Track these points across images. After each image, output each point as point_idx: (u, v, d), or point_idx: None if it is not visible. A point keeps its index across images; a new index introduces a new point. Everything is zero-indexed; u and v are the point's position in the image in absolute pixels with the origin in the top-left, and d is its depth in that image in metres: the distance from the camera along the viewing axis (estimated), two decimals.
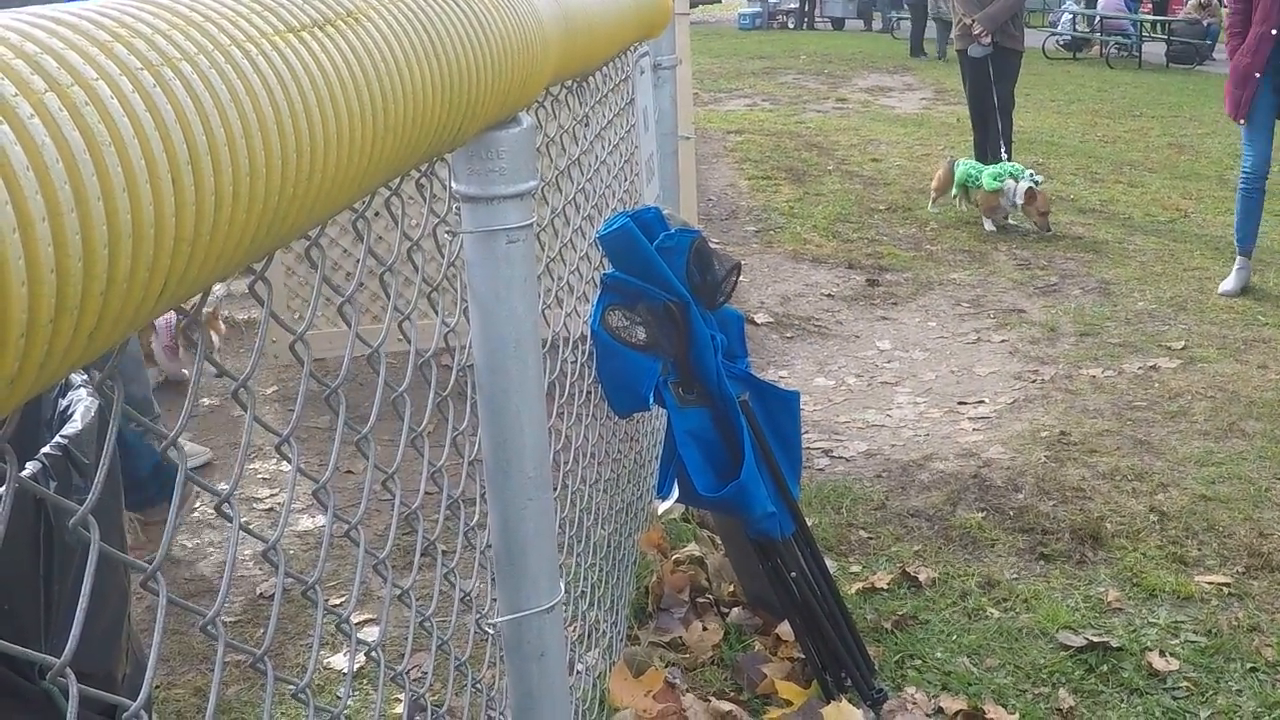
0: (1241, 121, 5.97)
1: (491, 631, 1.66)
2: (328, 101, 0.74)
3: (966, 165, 7.68)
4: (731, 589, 3.14)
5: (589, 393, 2.51)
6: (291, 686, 1.11)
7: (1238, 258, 6.20)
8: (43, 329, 0.49)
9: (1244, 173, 6.10)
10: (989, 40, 8.03)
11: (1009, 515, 3.69)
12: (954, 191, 7.74)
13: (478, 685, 1.79)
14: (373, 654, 1.34)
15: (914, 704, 2.70)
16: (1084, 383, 4.90)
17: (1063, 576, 3.32)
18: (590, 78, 2.35)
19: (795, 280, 6.51)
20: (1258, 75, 5.77)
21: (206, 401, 4.71)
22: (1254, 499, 3.76)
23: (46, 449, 1.33)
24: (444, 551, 1.49)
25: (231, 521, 0.89)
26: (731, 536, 3.03)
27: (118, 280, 0.54)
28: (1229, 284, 6.17)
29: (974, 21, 8.07)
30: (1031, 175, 7.37)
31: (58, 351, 0.52)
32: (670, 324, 2.48)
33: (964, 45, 8.34)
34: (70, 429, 1.39)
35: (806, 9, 26.93)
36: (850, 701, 2.62)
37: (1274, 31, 5.69)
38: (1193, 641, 2.98)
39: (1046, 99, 13.59)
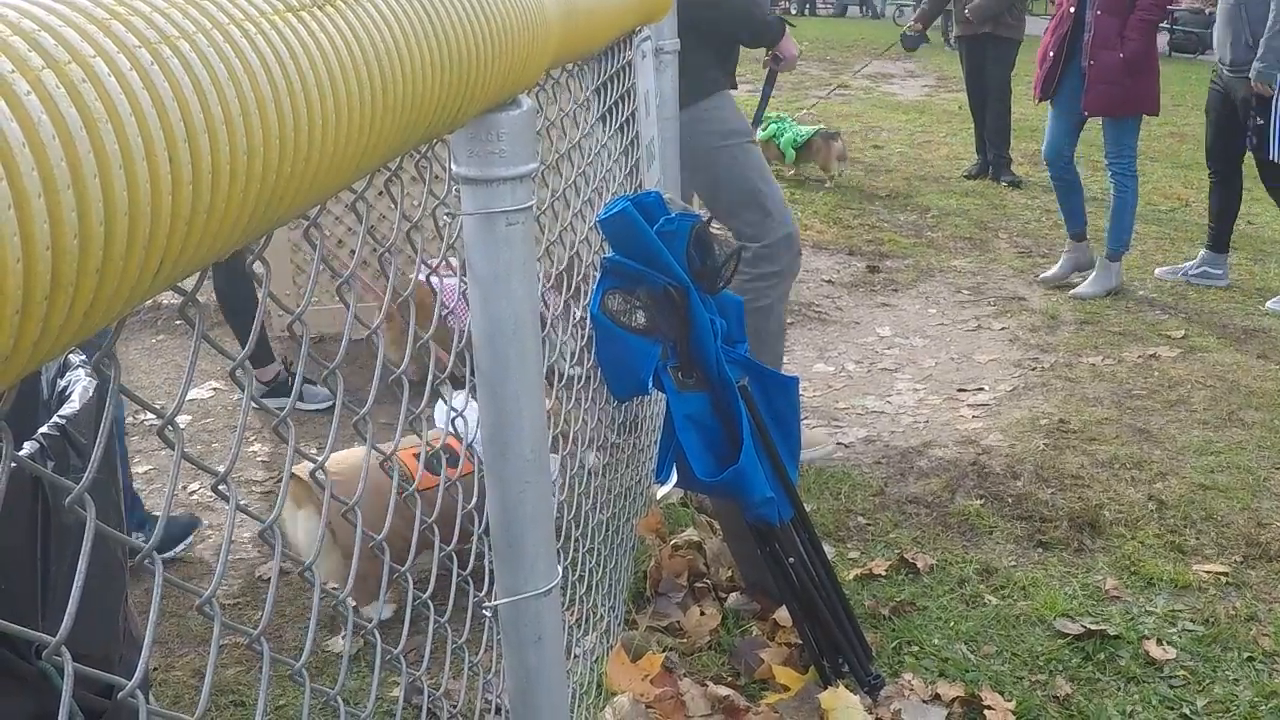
0: (1048, 102, 5.93)
1: (489, 614, 1.66)
2: (326, 81, 0.73)
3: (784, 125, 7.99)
4: (729, 574, 3.14)
5: (588, 376, 2.50)
6: (288, 667, 1.11)
7: (1068, 240, 6.14)
8: (38, 306, 0.49)
9: (1044, 158, 6.08)
10: (921, 28, 8.03)
11: (1007, 503, 3.69)
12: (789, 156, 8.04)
13: (474, 668, 1.79)
14: (370, 636, 1.35)
15: (911, 690, 2.71)
16: (1084, 371, 4.90)
17: (1061, 564, 3.32)
18: (591, 61, 2.34)
19: None
20: (1052, 54, 5.72)
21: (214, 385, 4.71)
22: (1253, 488, 3.77)
23: (44, 429, 1.33)
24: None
25: (229, 502, 0.89)
26: (730, 522, 3.03)
27: (114, 257, 0.53)
28: (1052, 270, 6.12)
29: (965, 9, 8.09)
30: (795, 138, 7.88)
31: (53, 329, 0.51)
32: (670, 308, 2.48)
33: (963, 33, 8.34)
34: (68, 409, 1.38)
35: None
36: (847, 687, 2.63)
37: (1073, 10, 5.63)
38: (1190, 630, 2.99)
39: None
